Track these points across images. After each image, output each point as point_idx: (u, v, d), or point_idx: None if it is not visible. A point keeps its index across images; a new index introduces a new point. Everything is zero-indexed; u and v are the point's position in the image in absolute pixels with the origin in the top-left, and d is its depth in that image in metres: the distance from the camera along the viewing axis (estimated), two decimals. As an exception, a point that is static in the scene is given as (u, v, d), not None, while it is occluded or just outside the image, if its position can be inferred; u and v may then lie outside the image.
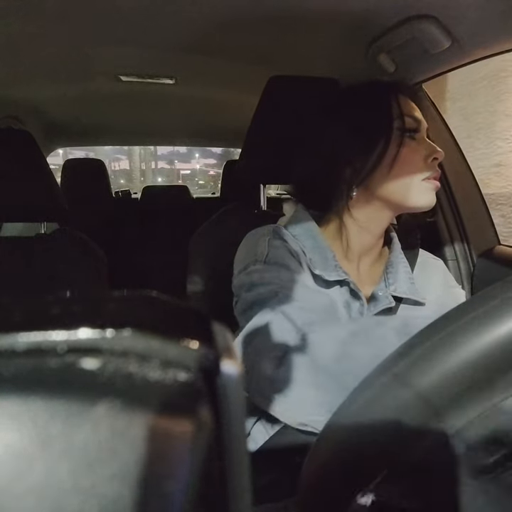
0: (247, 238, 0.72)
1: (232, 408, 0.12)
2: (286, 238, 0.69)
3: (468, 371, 0.24)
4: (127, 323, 0.12)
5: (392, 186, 0.66)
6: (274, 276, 0.62)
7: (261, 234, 0.70)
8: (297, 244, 0.69)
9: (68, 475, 0.10)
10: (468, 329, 0.24)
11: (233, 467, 0.11)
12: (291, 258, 0.66)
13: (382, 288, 0.70)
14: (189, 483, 0.10)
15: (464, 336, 0.24)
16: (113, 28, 0.94)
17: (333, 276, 0.66)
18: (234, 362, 0.12)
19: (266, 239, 0.68)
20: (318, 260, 0.67)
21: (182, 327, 0.12)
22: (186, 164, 26.87)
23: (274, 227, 0.71)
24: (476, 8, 0.69)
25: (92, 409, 0.10)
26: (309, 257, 0.67)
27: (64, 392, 0.10)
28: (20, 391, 0.10)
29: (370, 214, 0.69)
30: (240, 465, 0.12)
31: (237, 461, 0.12)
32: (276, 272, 0.63)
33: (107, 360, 0.11)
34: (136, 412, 0.10)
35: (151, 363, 0.11)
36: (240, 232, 0.74)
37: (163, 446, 0.10)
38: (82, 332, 0.11)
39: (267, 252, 0.65)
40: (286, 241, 0.68)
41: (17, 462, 0.09)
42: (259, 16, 0.86)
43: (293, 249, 0.67)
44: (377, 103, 0.67)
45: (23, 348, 0.11)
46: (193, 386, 0.11)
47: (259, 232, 0.71)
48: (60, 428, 0.10)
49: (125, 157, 19.96)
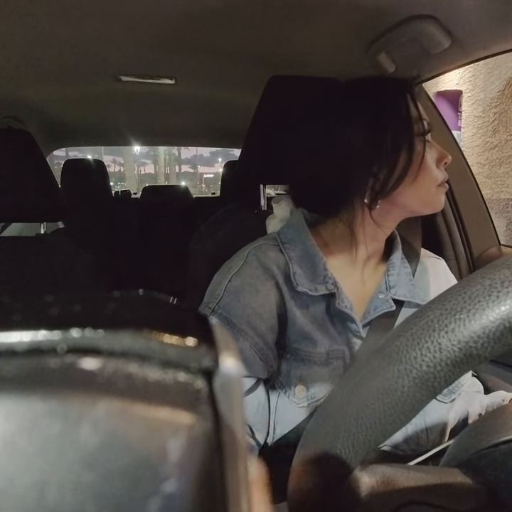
0: (224, 265, 0.71)
1: (232, 408, 0.12)
2: (266, 256, 0.66)
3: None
4: (127, 323, 0.12)
5: (413, 194, 0.63)
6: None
7: (233, 263, 0.68)
8: (283, 257, 0.66)
9: (68, 475, 0.10)
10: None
11: (233, 467, 0.11)
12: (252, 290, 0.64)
13: (382, 291, 0.68)
14: (189, 483, 0.10)
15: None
16: (113, 28, 0.94)
17: (321, 289, 0.64)
18: (234, 362, 0.12)
19: (231, 274, 0.66)
20: (306, 272, 0.65)
21: (182, 327, 0.12)
22: (209, 168, 27.12)
23: (256, 247, 0.69)
24: (476, 8, 0.69)
25: (92, 409, 0.10)
26: (294, 271, 0.64)
27: (64, 392, 0.10)
28: (19, 391, 0.10)
29: (384, 220, 0.66)
30: (239, 465, 0.12)
31: (237, 461, 0.12)
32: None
33: (107, 360, 0.11)
34: (136, 412, 0.10)
35: (151, 363, 0.11)
36: (239, 232, 0.74)
37: (162, 446, 0.10)
38: (81, 332, 0.11)
39: (220, 299, 0.64)
40: (263, 261, 0.66)
41: (16, 462, 0.09)
42: (260, 15, 0.86)
43: (272, 266, 0.65)
44: (396, 106, 0.62)
45: (22, 348, 0.11)
46: (192, 386, 0.11)
47: (234, 260, 0.69)
48: (60, 428, 0.10)
49: (150, 161, 20.49)
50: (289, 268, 0.65)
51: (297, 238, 0.68)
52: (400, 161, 0.61)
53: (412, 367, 0.24)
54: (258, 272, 0.65)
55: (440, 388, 0.24)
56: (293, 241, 0.68)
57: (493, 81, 2.87)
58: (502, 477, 0.27)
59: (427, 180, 0.63)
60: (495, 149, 2.91)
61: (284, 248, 0.68)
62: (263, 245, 0.69)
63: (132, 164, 20.75)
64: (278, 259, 0.66)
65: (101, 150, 17.56)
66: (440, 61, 0.87)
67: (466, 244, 1.08)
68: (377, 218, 0.65)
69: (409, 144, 0.61)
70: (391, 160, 0.61)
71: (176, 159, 21.28)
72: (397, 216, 0.67)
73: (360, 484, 0.28)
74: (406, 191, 0.62)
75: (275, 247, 0.68)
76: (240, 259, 0.68)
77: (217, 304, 0.64)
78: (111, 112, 1.97)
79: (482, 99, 2.97)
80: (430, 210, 0.67)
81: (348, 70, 1.01)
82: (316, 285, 0.64)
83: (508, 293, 0.23)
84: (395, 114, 0.61)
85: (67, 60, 1.15)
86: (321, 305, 0.66)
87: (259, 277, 0.65)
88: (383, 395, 0.25)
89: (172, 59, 1.21)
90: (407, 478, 0.28)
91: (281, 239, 0.69)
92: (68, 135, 2.37)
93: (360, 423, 0.26)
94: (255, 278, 0.65)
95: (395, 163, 0.61)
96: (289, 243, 0.68)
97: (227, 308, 0.64)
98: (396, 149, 0.60)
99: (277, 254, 0.67)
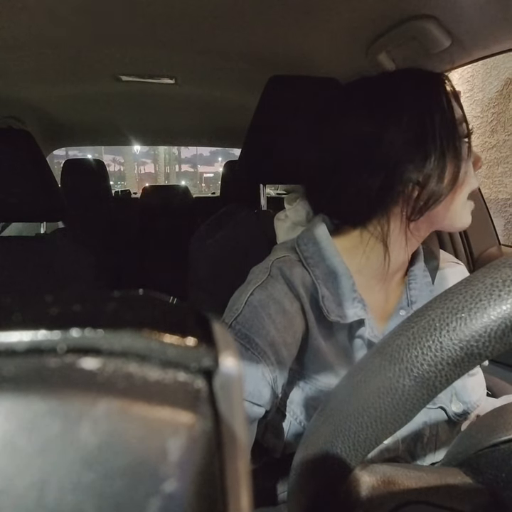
0: (246, 281, 0.60)
1: (232, 408, 0.12)
2: (292, 273, 0.57)
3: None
4: (127, 323, 0.12)
5: (452, 206, 0.56)
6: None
7: (254, 276, 0.59)
8: (308, 275, 0.57)
9: (68, 475, 0.10)
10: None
11: (233, 467, 0.11)
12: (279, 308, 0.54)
13: (404, 307, 0.61)
14: (189, 483, 0.10)
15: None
16: (113, 28, 0.94)
17: (350, 316, 0.55)
18: (234, 361, 0.12)
19: (253, 287, 0.56)
20: (333, 294, 0.56)
21: (182, 327, 0.12)
22: (209, 167, 27.06)
23: (280, 260, 0.59)
24: (476, 8, 0.69)
25: (92, 409, 0.10)
26: (322, 294, 0.55)
27: (63, 392, 0.10)
28: (19, 391, 0.10)
29: (419, 231, 0.59)
30: (239, 465, 0.12)
31: (236, 461, 0.12)
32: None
33: (107, 360, 0.11)
34: (136, 412, 0.10)
35: (151, 362, 0.11)
36: (240, 232, 0.74)
37: (162, 446, 0.10)
38: (81, 332, 0.11)
39: (239, 314, 0.54)
40: (290, 278, 0.56)
41: (16, 462, 0.09)
42: (260, 16, 0.86)
43: (300, 285, 0.56)
44: (441, 105, 0.54)
45: (22, 348, 0.11)
46: (192, 386, 0.11)
47: (255, 272, 0.60)
48: (60, 428, 0.10)
49: (150, 160, 20.55)
50: (317, 291, 0.56)
51: (321, 253, 0.59)
52: (448, 168, 0.53)
53: (413, 366, 0.24)
54: (286, 289, 0.56)
55: (441, 387, 0.24)
56: (316, 255, 0.59)
57: (491, 81, 2.89)
58: (502, 477, 0.27)
59: (467, 187, 0.57)
60: (493, 149, 2.92)
61: (307, 264, 0.58)
62: (287, 258, 0.59)
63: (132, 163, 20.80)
64: (304, 278, 0.57)
65: (101, 149, 17.58)
66: (440, 61, 0.87)
67: (466, 244, 1.08)
68: (415, 230, 0.58)
69: (456, 148, 0.54)
70: (439, 166, 0.53)
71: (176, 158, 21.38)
72: (429, 227, 0.59)
73: (360, 483, 0.28)
74: (447, 201, 0.55)
75: (299, 262, 0.59)
76: (263, 272, 0.58)
77: (236, 320, 0.54)
78: (111, 111, 1.97)
79: (480, 99, 2.99)
80: (460, 225, 0.59)
81: (348, 70, 1.01)
82: (344, 310, 0.56)
83: (509, 292, 0.23)
84: (441, 114, 0.53)
85: (67, 60, 1.15)
86: (345, 332, 0.58)
87: (287, 295, 0.56)
88: (384, 393, 0.25)
89: (172, 59, 1.21)
90: (408, 478, 0.28)
91: (302, 252, 0.59)
92: (68, 135, 2.37)
93: (360, 422, 0.26)
94: (283, 295, 0.55)
95: (443, 170, 0.53)
96: (312, 258, 0.59)
97: (248, 326, 0.53)
98: (443, 154, 0.53)
99: (302, 271, 0.58)
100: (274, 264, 0.59)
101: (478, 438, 0.31)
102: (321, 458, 0.27)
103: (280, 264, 0.58)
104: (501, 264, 0.25)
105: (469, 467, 0.30)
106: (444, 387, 0.25)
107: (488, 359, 0.24)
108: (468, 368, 0.24)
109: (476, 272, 0.26)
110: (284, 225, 0.74)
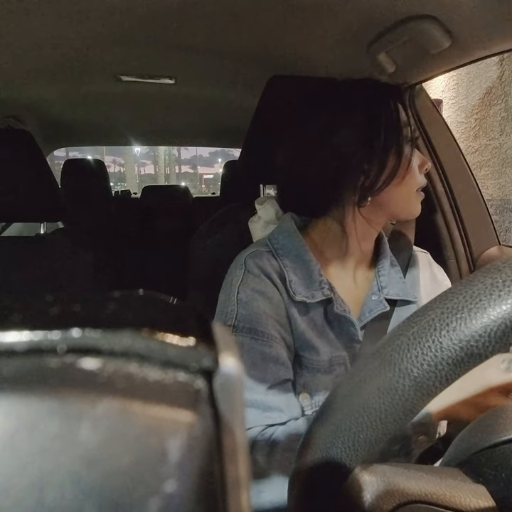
0: (225, 281, 0.68)
1: (232, 408, 0.12)
2: (264, 263, 0.66)
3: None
4: (127, 323, 0.12)
5: (397, 196, 0.66)
6: (243, 351, 0.60)
7: (233, 275, 0.66)
8: (278, 263, 0.66)
9: (67, 474, 0.10)
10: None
11: (233, 467, 0.11)
12: (265, 298, 0.63)
13: (375, 292, 0.69)
14: (189, 483, 0.10)
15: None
16: (113, 28, 0.94)
17: (317, 296, 0.64)
18: (234, 362, 0.12)
19: (236, 286, 0.64)
20: (301, 278, 0.65)
21: (182, 327, 0.12)
22: (209, 168, 27.10)
23: (251, 255, 0.67)
24: (476, 8, 0.69)
25: (92, 409, 0.10)
26: (289, 279, 0.64)
27: (63, 392, 0.10)
28: (19, 391, 0.10)
29: (372, 218, 0.68)
30: (239, 465, 0.12)
31: (237, 460, 0.12)
32: (247, 345, 0.60)
33: (107, 360, 0.11)
34: (136, 412, 0.10)
35: (151, 362, 0.11)
36: (239, 232, 0.74)
37: (162, 446, 0.10)
38: (81, 332, 0.11)
39: (236, 313, 0.62)
40: (263, 268, 0.65)
41: (16, 462, 0.09)
42: (260, 16, 0.86)
43: (272, 272, 0.65)
44: (388, 109, 0.65)
45: (22, 348, 0.11)
46: (192, 386, 0.11)
47: (232, 272, 0.67)
48: (60, 428, 0.10)
49: (150, 162, 20.58)
50: (285, 276, 0.64)
51: (290, 244, 0.68)
52: (390, 162, 0.63)
53: (413, 366, 0.24)
54: (264, 279, 0.64)
55: (441, 388, 0.24)
56: (285, 247, 0.68)
57: (474, 89, 3.01)
58: (502, 477, 0.27)
59: (412, 182, 0.66)
60: (476, 153, 3.03)
61: (277, 255, 0.67)
62: (257, 252, 0.68)
63: (133, 165, 20.82)
64: (274, 267, 0.66)
65: (103, 150, 17.58)
66: (440, 61, 0.87)
67: (466, 244, 1.08)
68: (366, 215, 0.67)
69: (398, 146, 0.64)
70: (381, 160, 0.63)
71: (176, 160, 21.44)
72: (381, 215, 0.69)
73: (360, 483, 0.28)
74: (392, 191, 0.65)
75: (269, 253, 0.67)
76: (239, 269, 0.66)
77: (236, 319, 0.62)
78: (111, 111, 1.97)
79: (464, 106, 3.10)
80: (407, 214, 0.69)
81: (348, 70, 1.01)
82: (312, 292, 0.64)
83: (509, 292, 0.23)
84: (387, 117, 0.64)
85: (67, 60, 1.15)
86: (319, 311, 0.66)
87: (267, 284, 0.64)
88: (384, 394, 0.25)
89: (172, 59, 1.21)
90: (408, 478, 0.28)
91: (273, 245, 0.68)
92: (68, 135, 2.37)
93: (360, 422, 0.26)
94: (263, 285, 0.64)
95: (384, 163, 0.63)
96: (281, 249, 0.67)
97: (248, 320, 0.61)
98: (386, 150, 0.63)
99: (273, 260, 0.66)
100: (247, 260, 0.67)
101: (478, 438, 0.31)
102: (321, 457, 0.27)
103: (252, 258, 0.67)
104: (501, 264, 0.25)
105: (469, 467, 0.30)
106: (444, 388, 0.24)
107: (488, 359, 0.24)
108: (468, 369, 0.24)
109: (476, 271, 0.26)
110: (257, 225, 0.81)
